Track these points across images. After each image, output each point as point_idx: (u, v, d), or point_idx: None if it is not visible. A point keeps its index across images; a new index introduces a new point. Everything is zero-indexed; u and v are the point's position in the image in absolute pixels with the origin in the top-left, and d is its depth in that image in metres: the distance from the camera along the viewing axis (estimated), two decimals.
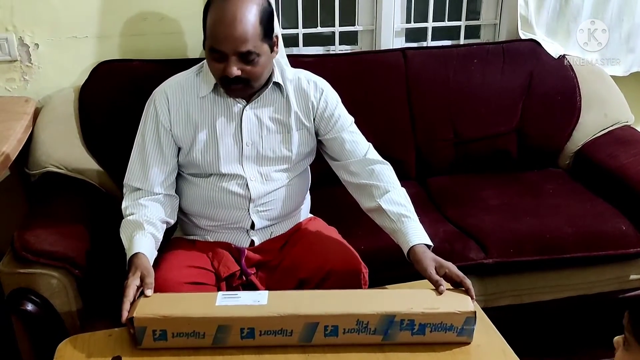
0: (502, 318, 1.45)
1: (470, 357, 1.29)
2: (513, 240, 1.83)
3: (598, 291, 1.93)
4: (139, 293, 1.33)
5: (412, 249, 1.43)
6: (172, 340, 1.26)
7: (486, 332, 1.35)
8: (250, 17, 1.44)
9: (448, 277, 1.36)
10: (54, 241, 1.55)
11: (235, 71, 1.45)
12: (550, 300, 1.91)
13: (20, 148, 1.80)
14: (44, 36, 2.04)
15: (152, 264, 1.42)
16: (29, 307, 1.51)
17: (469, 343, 1.30)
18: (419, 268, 1.40)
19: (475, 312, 1.28)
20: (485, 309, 1.42)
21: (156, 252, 1.48)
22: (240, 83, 1.49)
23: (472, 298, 1.33)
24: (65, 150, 1.93)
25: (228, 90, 1.53)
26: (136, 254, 1.40)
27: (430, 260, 1.39)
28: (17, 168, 1.99)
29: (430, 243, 1.46)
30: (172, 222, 1.59)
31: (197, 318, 1.25)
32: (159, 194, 1.55)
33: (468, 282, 1.35)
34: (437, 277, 1.35)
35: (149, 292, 1.33)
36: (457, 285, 1.36)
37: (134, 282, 1.33)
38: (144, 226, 1.46)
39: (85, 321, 1.57)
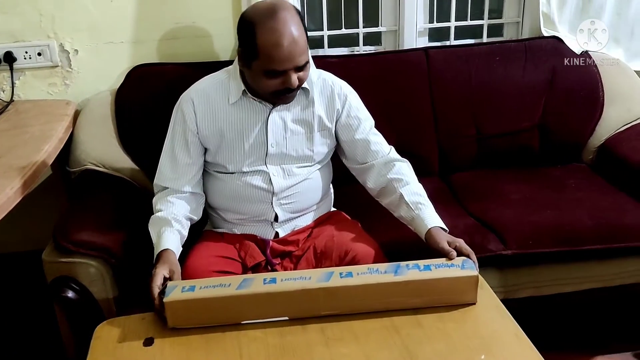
0: (522, 310, 1.50)
1: (485, 342, 1.33)
2: (532, 232, 1.85)
3: (619, 283, 1.92)
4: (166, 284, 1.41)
5: (429, 231, 1.52)
6: (199, 292, 1.35)
7: (501, 318, 1.40)
8: (300, 31, 1.49)
9: (458, 251, 1.47)
10: (92, 232, 1.64)
11: (296, 81, 1.52)
12: (571, 292, 1.91)
13: (61, 147, 1.92)
14: (83, 42, 2.15)
15: (178, 258, 1.51)
16: (69, 294, 1.60)
17: (476, 277, 1.41)
18: (432, 243, 1.50)
19: (471, 252, 1.46)
20: (504, 301, 1.47)
21: (181, 248, 1.57)
22: (295, 90, 1.57)
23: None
24: (103, 149, 2.04)
25: (285, 99, 1.60)
26: (165, 250, 1.49)
27: (443, 236, 1.51)
28: (59, 168, 2.11)
29: (445, 227, 1.54)
30: (197, 218, 1.67)
31: (224, 278, 1.41)
32: (186, 192, 1.64)
33: (474, 256, 1.46)
34: (448, 248, 1.46)
35: None
36: None
37: (161, 271, 1.42)
38: (172, 223, 1.55)
39: (120, 307, 1.65)
